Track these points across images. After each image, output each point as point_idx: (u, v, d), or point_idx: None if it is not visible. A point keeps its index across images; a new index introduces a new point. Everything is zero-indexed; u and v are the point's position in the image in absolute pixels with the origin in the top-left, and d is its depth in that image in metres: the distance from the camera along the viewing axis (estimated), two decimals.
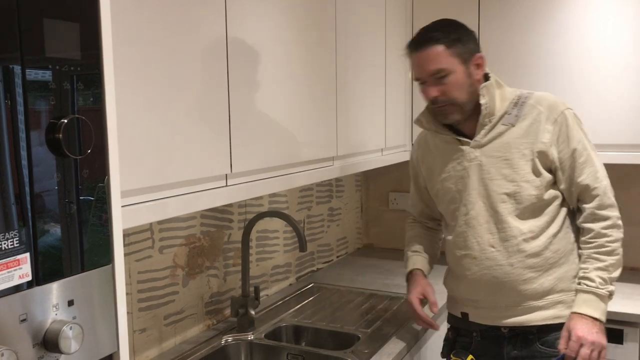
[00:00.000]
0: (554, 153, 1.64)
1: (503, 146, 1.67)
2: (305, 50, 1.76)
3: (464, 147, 1.71)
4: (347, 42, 1.99)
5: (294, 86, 1.71)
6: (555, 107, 1.65)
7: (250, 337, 1.91)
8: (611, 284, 1.60)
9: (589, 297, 1.59)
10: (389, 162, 2.45)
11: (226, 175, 1.44)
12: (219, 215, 2.00)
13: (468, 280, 1.74)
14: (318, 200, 2.67)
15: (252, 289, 1.99)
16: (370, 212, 3.13)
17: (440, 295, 1.86)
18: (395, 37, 2.42)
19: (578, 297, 1.62)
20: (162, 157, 1.24)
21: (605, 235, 1.62)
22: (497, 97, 1.67)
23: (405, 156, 2.57)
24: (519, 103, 1.68)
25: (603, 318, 1.59)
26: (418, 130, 2.53)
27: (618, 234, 1.63)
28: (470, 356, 1.76)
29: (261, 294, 2.14)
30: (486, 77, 1.69)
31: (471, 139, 1.70)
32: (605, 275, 1.60)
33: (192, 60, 1.31)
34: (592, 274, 1.61)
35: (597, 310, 1.58)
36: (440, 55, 1.62)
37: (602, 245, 1.62)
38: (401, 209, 3.04)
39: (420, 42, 1.65)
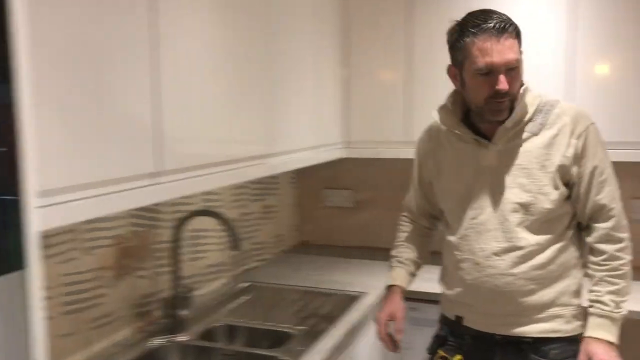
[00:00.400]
0: (574, 168, 1.59)
1: (523, 154, 1.60)
2: (236, 47, 1.73)
3: (481, 150, 1.64)
4: (279, 39, 1.98)
5: (224, 83, 1.68)
6: (581, 121, 1.59)
7: (182, 338, 1.86)
8: (623, 308, 1.59)
9: (604, 322, 1.58)
10: (324, 160, 2.46)
11: (152, 173, 1.39)
12: (148, 214, 1.95)
13: (467, 285, 1.68)
14: (253, 198, 2.64)
15: (183, 289, 1.94)
16: (305, 210, 3.13)
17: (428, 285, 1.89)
18: (327, 34, 2.43)
19: (592, 320, 1.59)
20: (84, 155, 1.19)
21: (618, 258, 1.60)
22: (527, 103, 1.61)
23: (339, 153, 2.59)
24: (543, 111, 1.62)
25: (617, 341, 1.57)
26: (355, 127, 2.63)
27: (629, 256, 1.61)
28: (459, 356, 1.73)
29: (194, 294, 2.09)
30: None
31: (489, 141, 1.63)
32: (617, 298, 1.58)
33: (113, 56, 1.26)
34: (606, 298, 1.58)
35: (612, 334, 1.57)
36: (516, 45, 1.54)
37: (616, 269, 1.59)
38: (336, 206, 3.06)
39: (501, 28, 1.50)
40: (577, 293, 1.68)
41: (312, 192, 3.11)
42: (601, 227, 1.61)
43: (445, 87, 2.38)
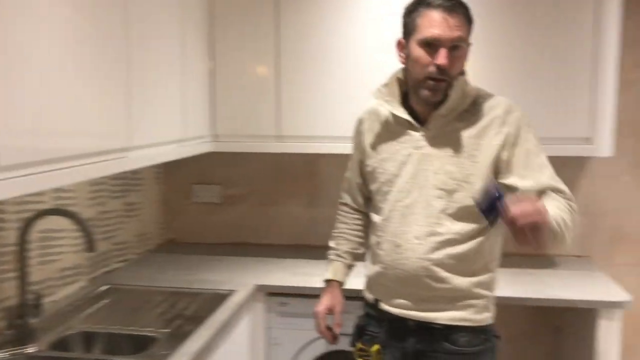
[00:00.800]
0: (504, 154, 1.60)
1: (454, 142, 1.62)
2: (89, 31, 1.59)
3: (414, 133, 1.66)
4: (139, 27, 1.85)
5: (75, 70, 1.53)
6: (511, 112, 1.62)
7: (30, 350, 1.69)
8: (558, 220, 1.48)
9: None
10: (190, 154, 2.35)
11: None
12: None
13: (385, 266, 1.70)
14: (113, 195, 2.47)
15: (32, 296, 1.77)
16: (172, 206, 3.00)
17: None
18: (192, 23, 2.32)
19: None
20: None
21: (568, 201, 1.57)
22: (463, 93, 1.63)
23: (207, 147, 2.50)
24: (477, 102, 1.65)
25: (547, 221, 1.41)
26: (222, 121, 2.54)
27: (574, 210, 1.57)
28: (376, 346, 1.74)
29: (46, 300, 1.92)
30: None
31: (423, 125, 1.65)
32: (560, 214, 1.50)
33: None
34: (553, 207, 1.50)
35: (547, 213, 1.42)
36: (465, 27, 1.57)
37: (565, 205, 1.55)
38: (205, 202, 2.96)
39: (452, 6, 1.55)
40: (490, 286, 1.71)
41: (179, 187, 2.99)
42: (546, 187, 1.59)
43: (314, 81, 2.42)
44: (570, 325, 2.54)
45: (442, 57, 1.54)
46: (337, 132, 2.41)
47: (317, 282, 2.28)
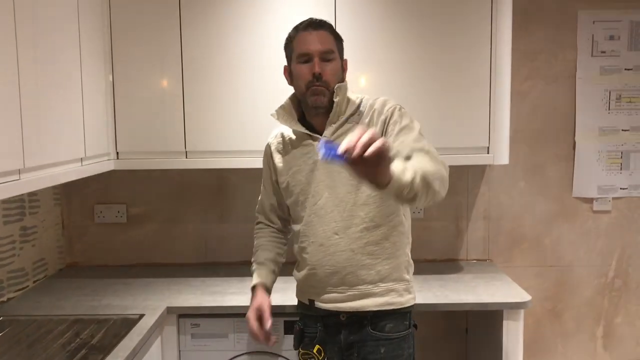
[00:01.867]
0: (387, 138, 1.71)
1: None
2: None
3: (314, 142, 1.84)
4: (32, 41, 1.74)
5: None
6: (386, 104, 1.80)
7: None
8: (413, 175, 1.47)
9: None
10: (91, 173, 2.23)
11: None
12: None
13: (313, 267, 1.85)
14: (5, 220, 2.31)
15: None
16: (73, 228, 2.84)
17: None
18: (89, 35, 2.22)
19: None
20: None
21: (429, 154, 1.61)
22: (346, 99, 1.82)
23: (109, 165, 2.39)
24: (361, 105, 1.84)
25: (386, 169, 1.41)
26: (124, 138, 2.44)
27: (440, 162, 1.61)
28: (318, 346, 1.89)
29: None
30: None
31: (321, 135, 1.83)
32: (422, 164, 1.54)
33: None
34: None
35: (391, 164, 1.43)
36: (330, 39, 1.81)
37: (427, 158, 1.59)
38: (109, 222, 2.84)
39: (316, 24, 1.81)
40: (407, 269, 1.89)
41: (80, 208, 2.84)
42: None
43: (219, 95, 2.38)
44: (478, 326, 2.64)
45: (315, 66, 1.77)
46: (245, 146, 2.39)
47: (229, 301, 2.25)
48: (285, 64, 1.90)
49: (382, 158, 1.31)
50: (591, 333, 2.90)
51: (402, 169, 1.45)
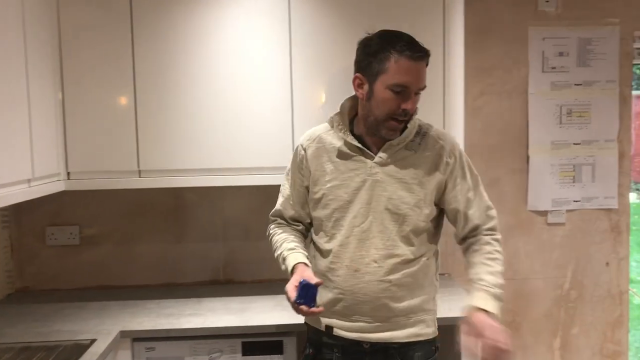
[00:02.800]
0: (449, 186, 1.77)
1: (404, 169, 1.74)
2: None
3: (367, 160, 1.75)
4: None
5: None
6: (455, 144, 1.79)
7: None
8: (499, 286, 1.68)
9: (484, 295, 1.66)
10: (40, 194, 2.16)
11: None
12: None
13: (343, 291, 1.75)
14: None
15: None
16: (23, 251, 2.75)
17: None
18: (37, 50, 2.16)
19: (475, 294, 1.67)
20: None
21: (494, 246, 1.77)
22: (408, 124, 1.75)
23: (59, 186, 2.32)
24: (421, 133, 1.78)
25: (497, 313, 1.65)
26: (76, 157, 2.37)
27: (501, 248, 1.78)
28: None
29: None
30: None
31: (374, 153, 1.75)
32: (494, 278, 1.69)
33: None
34: (485, 276, 1.69)
35: (491, 306, 1.64)
36: (426, 72, 1.70)
37: (491, 253, 1.75)
38: (61, 244, 2.75)
39: (422, 53, 1.66)
40: (434, 300, 1.86)
41: (31, 230, 2.75)
42: (483, 227, 1.79)
43: (174, 112, 2.34)
44: (439, 340, 2.63)
45: (410, 104, 1.67)
46: (201, 164, 2.36)
47: (185, 323, 2.20)
48: (358, 73, 1.73)
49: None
50: (549, 345, 2.94)
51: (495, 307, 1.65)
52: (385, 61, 1.65)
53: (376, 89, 1.68)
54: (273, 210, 1.95)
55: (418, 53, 1.65)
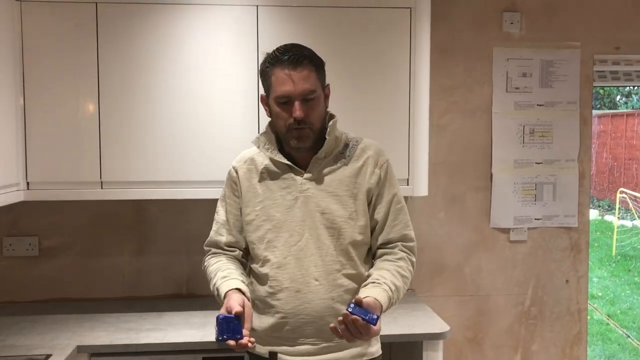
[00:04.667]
0: (376, 192, 1.74)
1: (335, 182, 1.72)
2: None
3: (297, 177, 1.72)
4: None
5: None
6: (381, 154, 1.77)
7: None
8: (394, 293, 1.64)
9: (379, 289, 1.62)
10: None
11: None
12: None
13: (285, 316, 1.69)
14: None
15: None
16: None
17: None
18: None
19: (369, 287, 1.64)
20: None
21: (405, 261, 1.74)
22: (336, 137, 1.74)
23: (18, 197, 2.27)
24: (350, 145, 1.77)
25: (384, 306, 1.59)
26: (36, 167, 2.32)
27: (411, 271, 1.76)
28: None
29: None
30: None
31: (303, 169, 1.72)
32: (396, 283, 1.66)
33: None
34: (384, 273, 1.67)
35: (382, 297, 1.59)
36: (312, 76, 1.66)
37: (401, 267, 1.71)
38: (19, 256, 2.68)
39: (295, 59, 1.63)
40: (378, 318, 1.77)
41: None
42: (399, 243, 1.76)
43: (137, 123, 2.31)
44: (399, 358, 2.65)
45: (296, 111, 1.64)
46: (164, 176, 2.34)
47: (144, 338, 2.17)
48: (262, 93, 1.75)
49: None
50: None
51: (386, 304, 1.59)
52: (269, 78, 1.68)
53: (271, 106, 1.71)
54: (207, 240, 1.85)
55: (291, 59, 1.64)
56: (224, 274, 1.69)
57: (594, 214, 11.31)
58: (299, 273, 1.69)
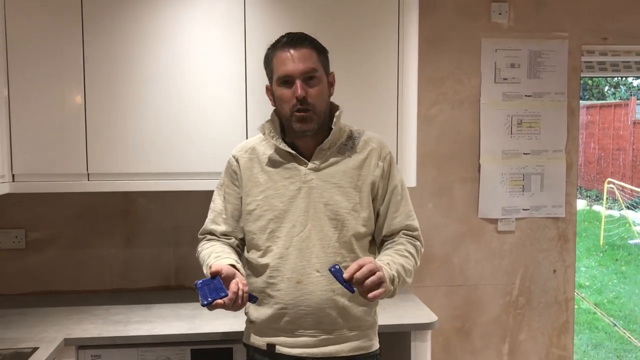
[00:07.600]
0: (381, 185, 1.76)
1: (338, 174, 1.72)
2: None
3: (300, 167, 1.72)
4: None
5: None
6: (384, 147, 1.79)
7: None
8: (399, 275, 1.64)
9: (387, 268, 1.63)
10: None
11: None
12: None
13: (285, 305, 1.68)
14: None
15: None
16: None
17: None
18: None
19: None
20: None
21: (404, 244, 1.75)
22: (340, 127, 1.75)
23: (3, 189, 2.24)
24: (353, 137, 1.78)
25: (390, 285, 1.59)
26: (21, 158, 2.29)
27: (418, 258, 1.78)
28: None
29: None
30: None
31: (307, 159, 1.72)
32: (403, 265, 1.68)
33: None
34: (383, 257, 1.69)
35: (389, 274, 1.60)
36: (313, 55, 1.67)
37: (399, 250, 1.72)
38: (5, 248, 2.67)
39: (295, 40, 1.66)
40: (376, 312, 1.83)
41: None
42: (403, 232, 1.79)
43: (124, 114, 2.29)
44: (388, 348, 2.65)
45: (298, 89, 1.64)
46: (152, 168, 2.32)
47: (132, 330, 2.16)
48: (267, 83, 1.77)
49: (379, 284, 1.52)
50: (498, 350, 2.99)
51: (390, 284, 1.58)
52: (271, 62, 1.71)
53: (274, 91, 1.72)
54: (202, 228, 1.85)
55: (291, 39, 1.68)
56: (218, 255, 1.68)
57: (581, 204, 11.41)
58: (301, 264, 1.68)
